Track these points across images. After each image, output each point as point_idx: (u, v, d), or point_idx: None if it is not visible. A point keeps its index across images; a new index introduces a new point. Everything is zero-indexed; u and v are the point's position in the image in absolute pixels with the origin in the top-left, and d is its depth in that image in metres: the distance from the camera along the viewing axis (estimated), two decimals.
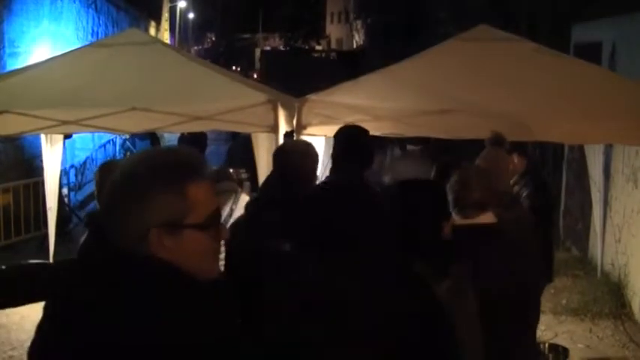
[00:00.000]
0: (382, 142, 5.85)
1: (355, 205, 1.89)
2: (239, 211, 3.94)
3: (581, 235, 7.52)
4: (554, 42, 7.66)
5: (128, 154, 11.64)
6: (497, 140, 3.91)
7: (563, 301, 6.05)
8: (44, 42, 9.72)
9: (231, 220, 3.59)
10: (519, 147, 4.60)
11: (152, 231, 1.31)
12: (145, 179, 1.33)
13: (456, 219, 2.68)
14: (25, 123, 4.85)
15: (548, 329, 5.37)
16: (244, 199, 4.64)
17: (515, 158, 4.50)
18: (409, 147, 6.03)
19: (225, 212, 4.07)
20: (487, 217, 2.69)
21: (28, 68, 5.74)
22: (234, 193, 4.46)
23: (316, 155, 3.03)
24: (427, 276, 1.92)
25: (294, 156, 2.93)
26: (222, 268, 2.55)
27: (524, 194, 4.44)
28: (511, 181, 4.29)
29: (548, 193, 4.91)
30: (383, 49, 21.35)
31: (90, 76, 5.02)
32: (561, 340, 5.02)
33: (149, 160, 1.39)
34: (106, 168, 3.15)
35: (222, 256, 2.57)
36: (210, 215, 1.37)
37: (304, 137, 4.68)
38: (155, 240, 1.32)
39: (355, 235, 1.84)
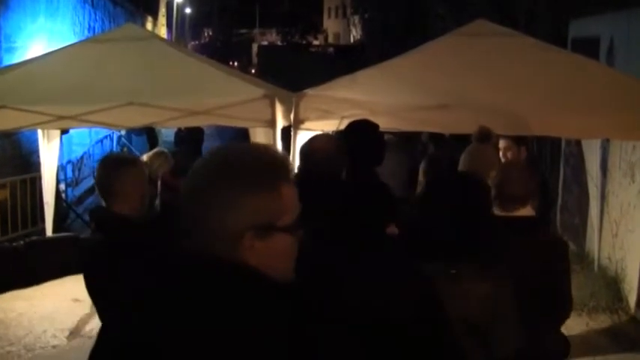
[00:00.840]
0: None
1: (366, 198, 1.89)
2: None
3: (578, 230, 7.52)
4: (552, 37, 7.66)
5: (125, 149, 11.60)
6: (484, 135, 3.90)
7: None
8: (41, 38, 9.68)
9: None
10: (520, 141, 4.60)
11: (247, 234, 1.23)
12: (243, 179, 1.25)
13: (497, 212, 2.78)
14: (21, 118, 4.84)
15: None
16: None
17: (522, 152, 4.51)
18: (386, 136, 5.94)
19: None
20: (527, 211, 2.79)
21: (25, 63, 5.72)
22: None
23: (345, 153, 2.95)
24: (457, 278, 1.91)
25: (322, 154, 2.82)
26: None
27: None
28: None
29: (547, 190, 4.91)
30: (380, 44, 21.32)
31: (86, 71, 5.00)
32: None
33: (240, 159, 1.29)
34: (104, 163, 3.13)
35: None
36: (297, 218, 1.31)
37: (302, 132, 4.67)
38: (247, 243, 1.24)
39: (359, 228, 1.83)
